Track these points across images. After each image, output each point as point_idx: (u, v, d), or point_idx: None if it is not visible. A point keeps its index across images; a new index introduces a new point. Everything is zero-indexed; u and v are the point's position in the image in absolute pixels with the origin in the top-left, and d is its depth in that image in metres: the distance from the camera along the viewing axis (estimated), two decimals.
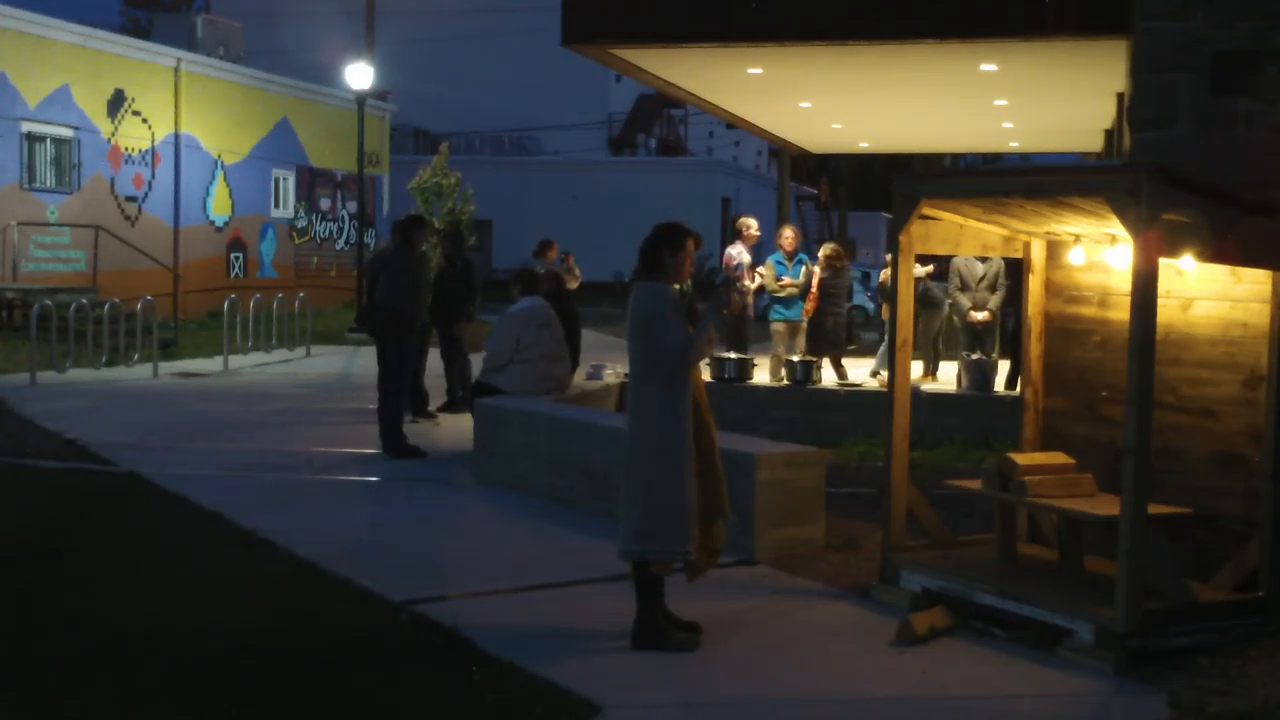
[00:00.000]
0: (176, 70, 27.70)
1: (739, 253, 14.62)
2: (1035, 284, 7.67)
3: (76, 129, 25.06)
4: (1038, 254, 7.66)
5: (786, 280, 14.31)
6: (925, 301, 14.13)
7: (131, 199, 26.63)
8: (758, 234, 14.95)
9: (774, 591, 7.16)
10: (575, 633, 6.33)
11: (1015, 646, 6.16)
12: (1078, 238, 7.33)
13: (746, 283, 14.51)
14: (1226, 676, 5.71)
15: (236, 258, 30.04)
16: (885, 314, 15.19)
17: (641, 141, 52.37)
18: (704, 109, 18.97)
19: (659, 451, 6.02)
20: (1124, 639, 5.84)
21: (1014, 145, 25.07)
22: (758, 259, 15.29)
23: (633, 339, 6.14)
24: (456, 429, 12.60)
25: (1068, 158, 26.80)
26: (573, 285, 16.21)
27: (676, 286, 6.16)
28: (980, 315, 13.72)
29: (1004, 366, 13.42)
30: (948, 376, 14.30)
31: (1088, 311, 7.43)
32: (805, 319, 14.18)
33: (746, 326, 14.80)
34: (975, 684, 5.71)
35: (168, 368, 18.12)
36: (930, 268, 14.50)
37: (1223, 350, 6.67)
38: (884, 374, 13.32)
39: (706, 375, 13.35)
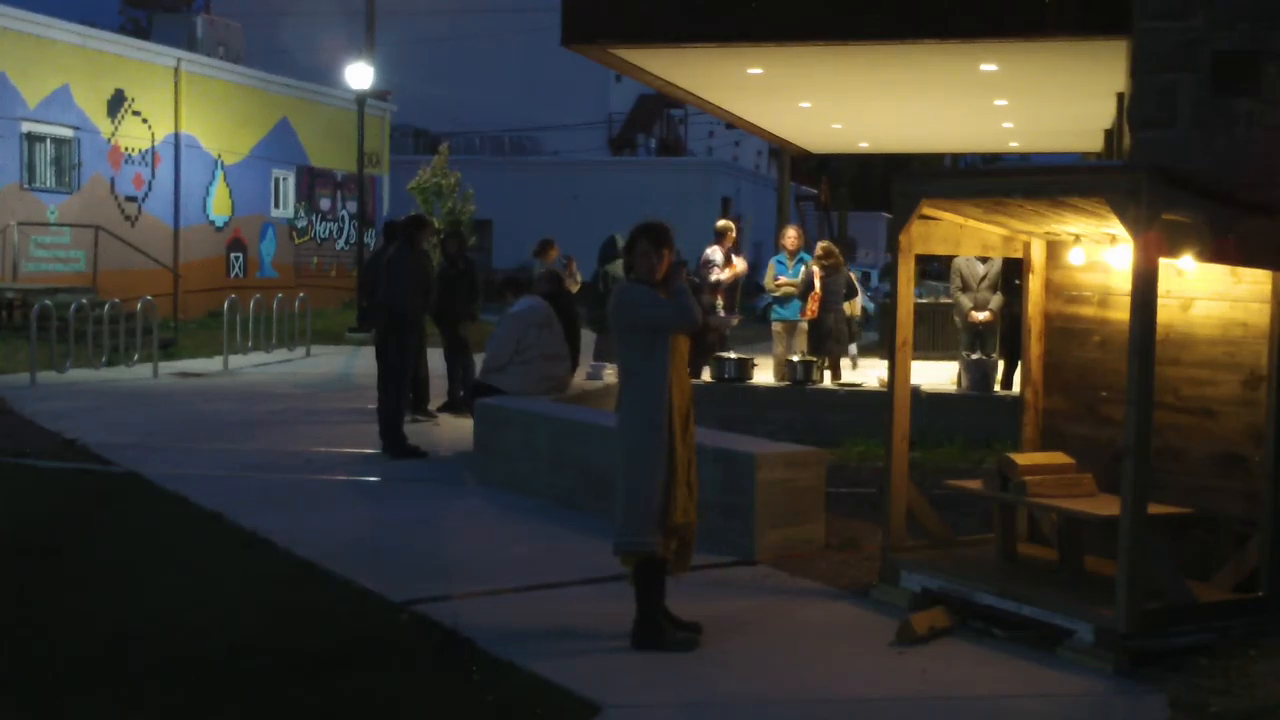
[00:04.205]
0: (176, 70, 27.70)
1: (712, 251, 14.72)
2: (1035, 284, 7.67)
3: (76, 129, 25.06)
4: (1038, 254, 7.66)
5: (783, 280, 14.33)
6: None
7: (131, 199, 26.64)
8: (734, 235, 15.05)
9: (774, 591, 7.16)
10: (575, 633, 6.34)
11: (1015, 646, 6.16)
12: (1078, 238, 7.33)
13: (717, 273, 14.51)
14: (1226, 676, 5.70)
15: (236, 258, 30.04)
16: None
17: (641, 141, 52.35)
18: (704, 109, 18.98)
19: (628, 446, 6.08)
20: (1124, 639, 5.84)
21: (1014, 145, 25.08)
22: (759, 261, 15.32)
23: (617, 334, 6.25)
24: (456, 429, 12.60)
25: (1068, 158, 26.80)
26: (572, 288, 16.22)
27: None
28: (981, 315, 13.72)
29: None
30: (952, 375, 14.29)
31: (1088, 311, 7.43)
32: (804, 319, 14.19)
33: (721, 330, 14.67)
34: (975, 684, 5.71)
35: (168, 368, 18.12)
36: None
37: (1223, 350, 6.67)
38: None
39: (707, 375, 13.35)
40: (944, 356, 17.25)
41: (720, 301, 14.49)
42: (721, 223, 15.41)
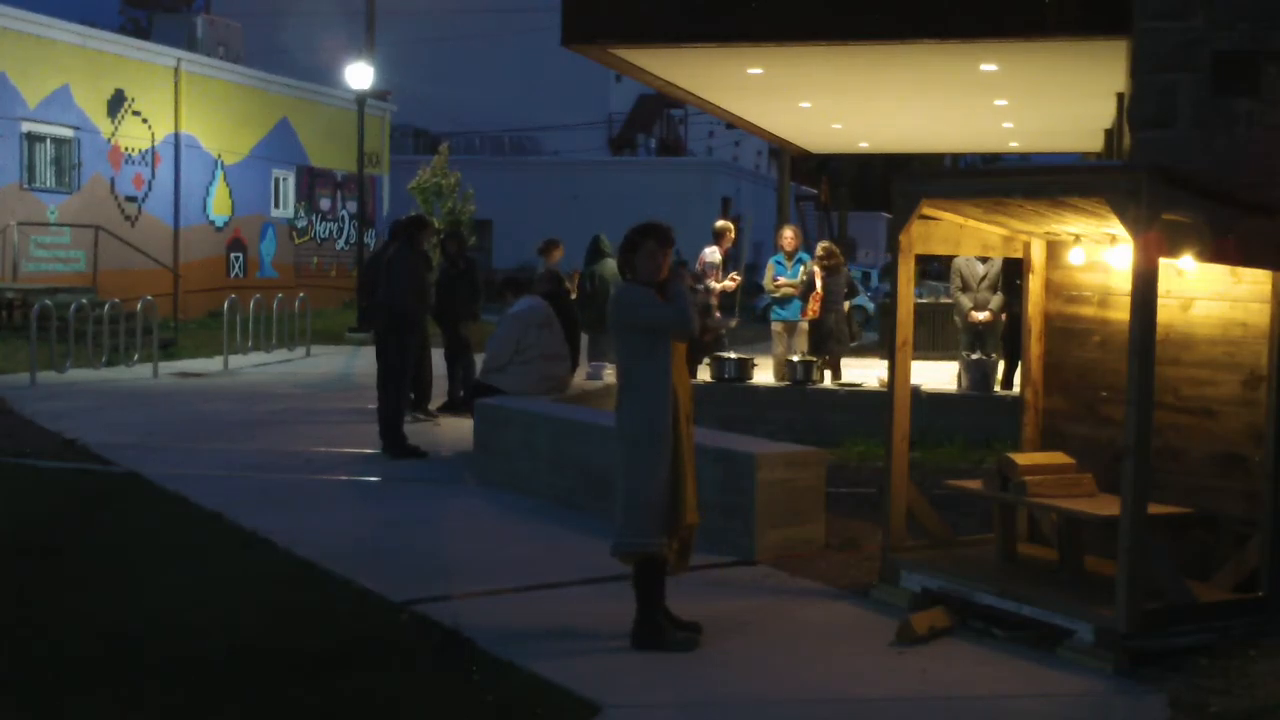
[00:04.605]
0: (176, 70, 27.71)
1: (711, 253, 14.72)
2: (1035, 284, 7.67)
3: (76, 129, 25.06)
4: (1038, 254, 7.66)
5: (783, 281, 14.33)
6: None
7: (131, 199, 26.64)
8: (733, 236, 15.06)
9: (774, 591, 7.16)
10: (575, 633, 6.34)
11: (1015, 646, 6.16)
12: (1078, 238, 7.33)
13: (713, 283, 14.53)
14: (1226, 676, 5.71)
15: (236, 258, 30.04)
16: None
17: (641, 141, 52.35)
18: (704, 109, 18.97)
19: (628, 446, 6.09)
20: (1124, 639, 5.84)
21: (1014, 145, 25.07)
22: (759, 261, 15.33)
23: (616, 336, 6.24)
24: (456, 429, 12.60)
25: (1068, 158, 26.80)
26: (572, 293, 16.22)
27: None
28: (981, 315, 13.72)
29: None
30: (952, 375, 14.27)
31: (1088, 311, 7.43)
32: (805, 319, 14.19)
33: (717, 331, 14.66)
34: (975, 684, 5.71)
35: (168, 368, 18.12)
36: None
37: (1223, 350, 6.67)
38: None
39: (706, 375, 13.35)
40: (944, 356, 17.25)
41: (715, 302, 14.50)
42: (720, 223, 15.44)
